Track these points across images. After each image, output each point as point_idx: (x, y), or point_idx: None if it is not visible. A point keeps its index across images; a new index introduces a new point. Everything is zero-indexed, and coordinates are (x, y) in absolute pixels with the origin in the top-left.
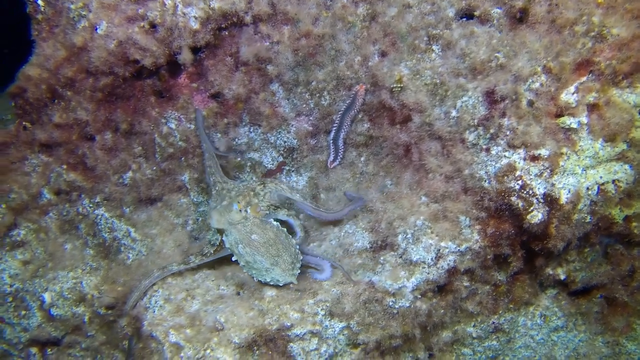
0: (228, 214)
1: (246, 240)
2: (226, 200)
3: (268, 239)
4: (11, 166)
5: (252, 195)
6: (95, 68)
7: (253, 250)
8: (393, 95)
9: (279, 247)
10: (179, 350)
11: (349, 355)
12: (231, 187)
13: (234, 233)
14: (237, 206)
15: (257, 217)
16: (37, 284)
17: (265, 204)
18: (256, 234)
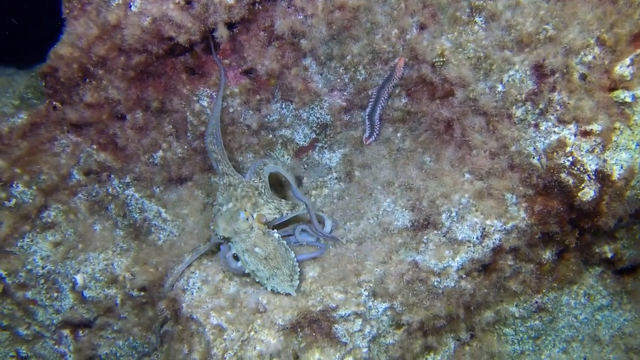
0: (235, 223)
1: (251, 251)
2: (232, 203)
3: (268, 253)
4: (41, 147)
5: (257, 195)
6: (128, 46)
7: (256, 260)
8: (435, 70)
9: (278, 260)
10: (222, 333)
11: (391, 336)
12: (237, 182)
13: (239, 242)
14: (244, 214)
15: (261, 228)
16: (68, 266)
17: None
18: (259, 247)
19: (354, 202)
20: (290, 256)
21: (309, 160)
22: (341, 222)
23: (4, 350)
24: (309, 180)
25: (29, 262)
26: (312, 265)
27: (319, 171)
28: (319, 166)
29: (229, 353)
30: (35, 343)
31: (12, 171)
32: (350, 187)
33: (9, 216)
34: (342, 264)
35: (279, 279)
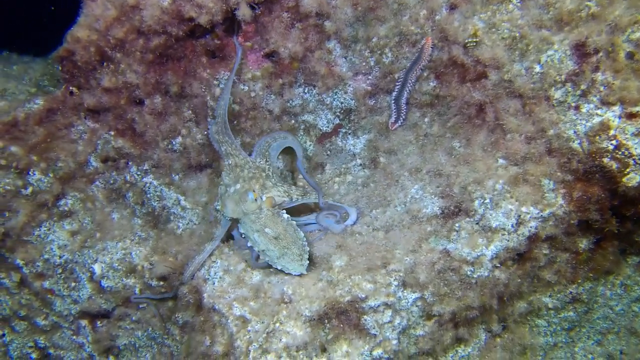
0: (243, 204)
1: (261, 232)
2: (239, 184)
3: (278, 234)
4: (58, 133)
5: (265, 177)
6: (147, 27)
7: (266, 240)
8: (467, 51)
9: (288, 240)
10: (246, 324)
11: (421, 327)
12: (243, 162)
13: (248, 222)
14: (253, 195)
15: (270, 209)
16: (86, 255)
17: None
18: (269, 227)
19: (379, 189)
20: (300, 236)
21: (332, 147)
22: (367, 209)
23: (23, 341)
24: (332, 167)
25: (46, 251)
26: (339, 254)
27: (342, 158)
28: (342, 152)
29: (254, 345)
30: (54, 333)
31: (28, 158)
32: (375, 174)
33: (25, 204)
34: (370, 252)
35: (289, 258)
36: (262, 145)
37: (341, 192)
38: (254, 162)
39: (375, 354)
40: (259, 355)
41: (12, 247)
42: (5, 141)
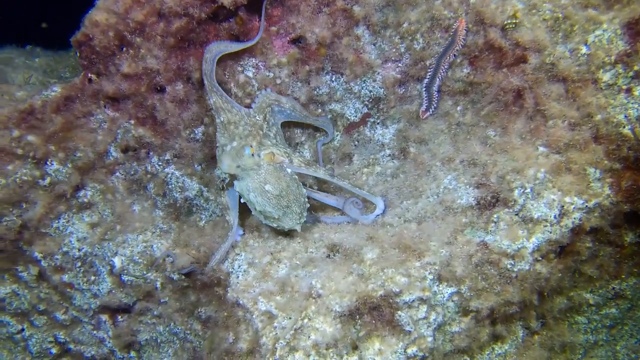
0: (240, 159)
1: (259, 190)
2: (236, 141)
3: (281, 191)
4: (76, 122)
5: (262, 136)
6: (168, 9)
7: (265, 200)
8: (505, 34)
9: (290, 198)
10: (272, 320)
11: (457, 323)
12: (237, 118)
13: (246, 180)
14: (250, 150)
15: (272, 163)
16: (106, 248)
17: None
18: (270, 184)
19: (410, 180)
20: (302, 192)
21: (360, 137)
22: (397, 200)
23: (42, 335)
24: (360, 158)
25: (65, 244)
26: (371, 246)
27: (370, 148)
28: (370, 143)
29: (281, 343)
30: (74, 328)
31: (46, 148)
32: (405, 164)
33: (43, 196)
34: (403, 244)
35: (288, 218)
36: (262, 100)
37: (370, 183)
38: (249, 115)
39: (410, 352)
40: (286, 354)
41: (30, 240)
42: (22, 130)
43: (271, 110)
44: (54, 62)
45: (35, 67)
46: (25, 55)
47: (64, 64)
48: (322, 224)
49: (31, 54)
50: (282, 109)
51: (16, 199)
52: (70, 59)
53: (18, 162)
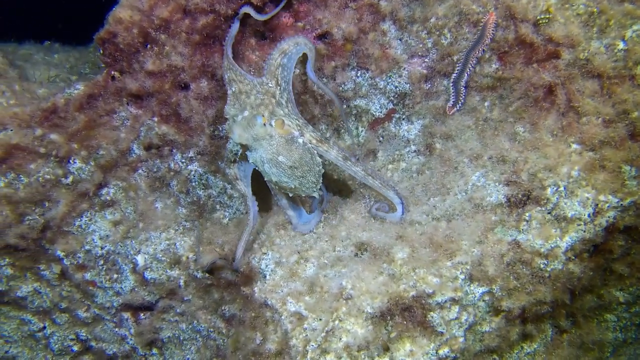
0: (252, 129)
1: (274, 161)
2: (247, 111)
3: (294, 162)
4: (99, 120)
5: (275, 104)
6: (194, 6)
7: (280, 171)
8: (537, 29)
9: (304, 168)
10: (302, 321)
11: (488, 323)
12: (248, 88)
13: (259, 150)
14: (262, 119)
15: (283, 135)
16: (129, 246)
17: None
18: (283, 155)
19: (436, 176)
20: (317, 161)
21: (385, 133)
22: (424, 197)
23: (64, 333)
24: (385, 154)
25: (88, 242)
26: (401, 246)
27: (395, 144)
28: (395, 139)
29: (312, 345)
30: (95, 326)
31: (69, 146)
32: (431, 161)
33: (66, 194)
34: (434, 243)
35: (304, 187)
36: (271, 63)
37: (395, 179)
38: (262, 84)
39: (442, 353)
40: (318, 356)
41: (52, 238)
42: (45, 128)
43: (282, 68)
44: (73, 58)
45: (54, 64)
46: (44, 51)
47: (83, 60)
48: (348, 222)
49: (50, 50)
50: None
51: (39, 198)
52: (89, 55)
53: (41, 161)
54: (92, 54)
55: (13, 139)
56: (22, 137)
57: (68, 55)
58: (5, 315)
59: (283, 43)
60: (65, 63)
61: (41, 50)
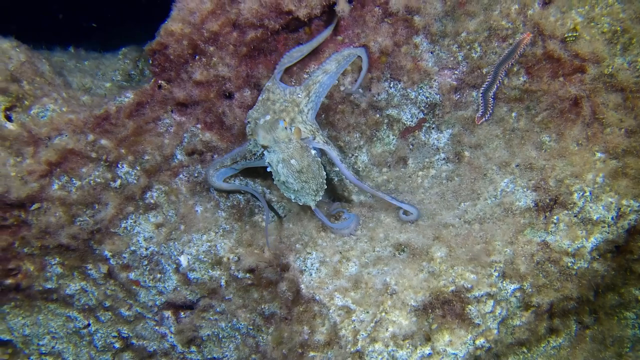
0: (274, 132)
1: (287, 162)
2: (270, 115)
3: (302, 167)
4: (145, 127)
5: (297, 112)
6: (244, 20)
7: (288, 172)
8: (565, 46)
9: (309, 175)
10: (350, 314)
11: (519, 317)
12: (277, 97)
13: (277, 152)
14: (284, 123)
15: (299, 142)
16: (172, 247)
17: (308, 127)
18: (295, 159)
19: (466, 183)
20: (322, 174)
21: (415, 141)
22: (455, 202)
23: (107, 330)
24: (415, 161)
25: (133, 243)
26: (439, 246)
27: (425, 152)
28: (425, 147)
29: (362, 334)
30: (137, 324)
31: (118, 151)
32: (460, 168)
33: (114, 197)
34: (469, 243)
35: (305, 192)
36: (311, 79)
37: (425, 185)
38: (292, 93)
39: (478, 343)
40: (367, 344)
41: (100, 239)
42: (96, 134)
43: (319, 84)
44: (102, 65)
45: (86, 71)
46: (75, 58)
47: (112, 67)
48: (384, 224)
49: (78, 57)
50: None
51: (90, 200)
52: (118, 62)
53: (92, 165)
54: (121, 61)
55: (68, 144)
56: (76, 143)
57: (97, 62)
58: (52, 312)
59: (326, 64)
60: (96, 70)
61: (72, 56)
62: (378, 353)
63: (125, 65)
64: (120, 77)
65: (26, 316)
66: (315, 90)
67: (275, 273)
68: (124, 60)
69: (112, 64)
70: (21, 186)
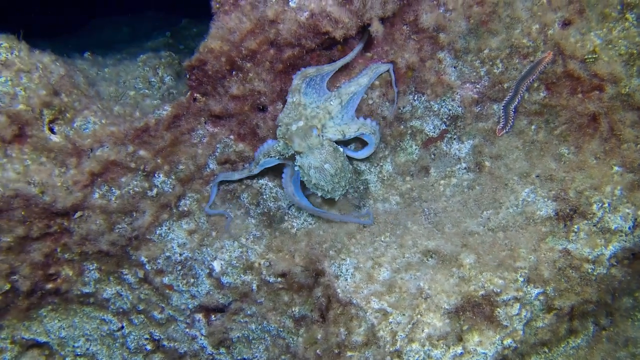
0: (309, 139)
1: (319, 168)
2: (302, 121)
3: (336, 170)
4: (181, 138)
5: (328, 118)
6: (283, 40)
7: (322, 176)
8: (584, 66)
9: (341, 175)
10: (387, 316)
11: (542, 319)
12: (307, 101)
13: (310, 157)
14: (317, 131)
15: (331, 145)
16: (205, 253)
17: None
18: (329, 163)
19: (488, 192)
20: (350, 169)
21: (437, 151)
22: (477, 210)
23: (139, 333)
24: (437, 171)
25: (168, 249)
26: (467, 253)
27: (446, 161)
28: (446, 156)
29: (400, 335)
30: (169, 326)
31: (155, 162)
32: (480, 177)
33: (151, 205)
34: (495, 251)
35: (336, 191)
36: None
37: (447, 194)
38: (326, 100)
39: (506, 343)
40: (405, 344)
41: (137, 245)
42: (135, 145)
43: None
44: (123, 72)
45: (108, 78)
46: (96, 66)
47: (132, 74)
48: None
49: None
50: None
51: (129, 209)
52: (138, 70)
53: (130, 175)
54: (141, 69)
55: (110, 155)
56: (117, 154)
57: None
58: (87, 315)
59: (360, 77)
60: (117, 78)
61: (92, 64)
62: (415, 352)
63: (145, 72)
64: (142, 85)
65: (62, 319)
66: (349, 99)
67: (309, 277)
68: (143, 67)
69: (132, 71)
70: (66, 196)
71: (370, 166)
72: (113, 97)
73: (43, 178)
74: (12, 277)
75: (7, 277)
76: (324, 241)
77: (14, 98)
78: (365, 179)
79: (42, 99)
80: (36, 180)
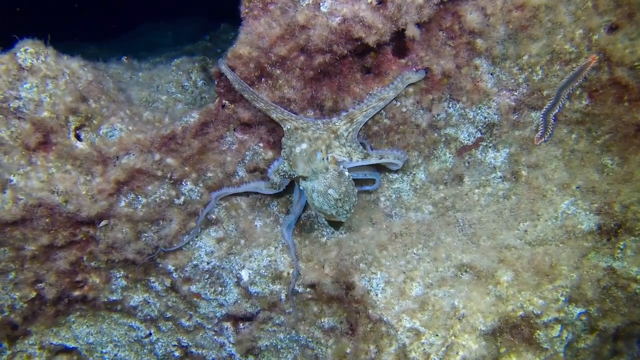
0: (313, 164)
1: (323, 192)
2: (305, 143)
3: (341, 194)
4: (209, 145)
5: (333, 138)
6: (314, 46)
7: (325, 201)
8: (633, 73)
9: (345, 200)
10: (419, 336)
11: (584, 340)
12: (304, 125)
13: (314, 182)
14: (321, 155)
15: (336, 169)
16: (233, 262)
17: (345, 149)
18: (333, 188)
19: (525, 202)
20: (355, 193)
21: (471, 159)
22: (514, 222)
23: (167, 340)
24: (471, 179)
25: (195, 257)
26: (505, 269)
27: (481, 170)
28: (481, 165)
29: (434, 358)
30: (197, 334)
31: (182, 170)
32: (517, 187)
33: (178, 213)
34: (534, 267)
35: (338, 214)
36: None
37: (482, 203)
38: (326, 123)
39: None
40: None
41: (164, 254)
42: (162, 153)
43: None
44: (156, 76)
45: (141, 83)
46: (130, 70)
47: (165, 78)
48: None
49: (132, 68)
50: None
51: (155, 217)
52: (171, 74)
53: (157, 183)
54: (174, 73)
55: (136, 163)
56: (143, 162)
57: (150, 73)
58: (115, 322)
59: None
60: (150, 82)
61: (127, 68)
62: None
63: (178, 76)
64: (175, 89)
65: (90, 325)
66: (367, 114)
67: (339, 289)
68: (177, 71)
69: (165, 76)
70: (91, 204)
71: (402, 174)
72: (144, 102)
73: (67, 186)
74: (38, 285)
75: (32, 285)
76: (355, 252)
77: (38, 105)
78: (398, 188)
79: (68, 105)
80: (60, 189)
